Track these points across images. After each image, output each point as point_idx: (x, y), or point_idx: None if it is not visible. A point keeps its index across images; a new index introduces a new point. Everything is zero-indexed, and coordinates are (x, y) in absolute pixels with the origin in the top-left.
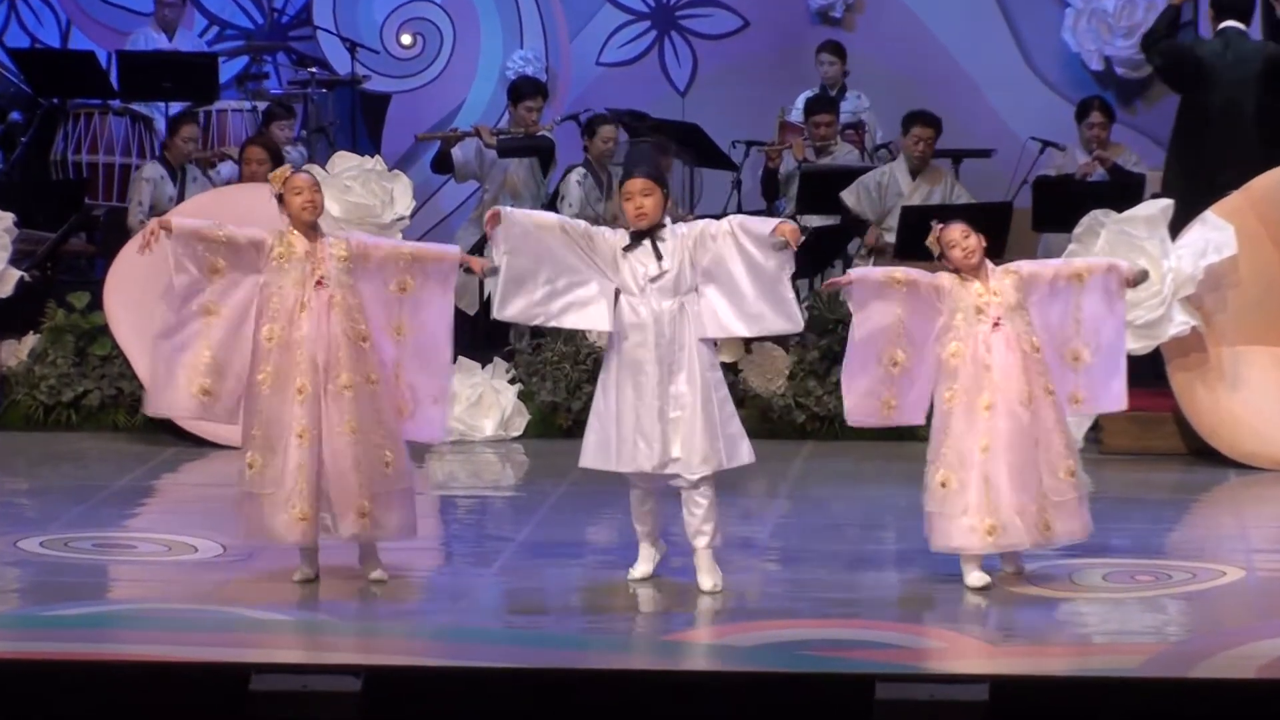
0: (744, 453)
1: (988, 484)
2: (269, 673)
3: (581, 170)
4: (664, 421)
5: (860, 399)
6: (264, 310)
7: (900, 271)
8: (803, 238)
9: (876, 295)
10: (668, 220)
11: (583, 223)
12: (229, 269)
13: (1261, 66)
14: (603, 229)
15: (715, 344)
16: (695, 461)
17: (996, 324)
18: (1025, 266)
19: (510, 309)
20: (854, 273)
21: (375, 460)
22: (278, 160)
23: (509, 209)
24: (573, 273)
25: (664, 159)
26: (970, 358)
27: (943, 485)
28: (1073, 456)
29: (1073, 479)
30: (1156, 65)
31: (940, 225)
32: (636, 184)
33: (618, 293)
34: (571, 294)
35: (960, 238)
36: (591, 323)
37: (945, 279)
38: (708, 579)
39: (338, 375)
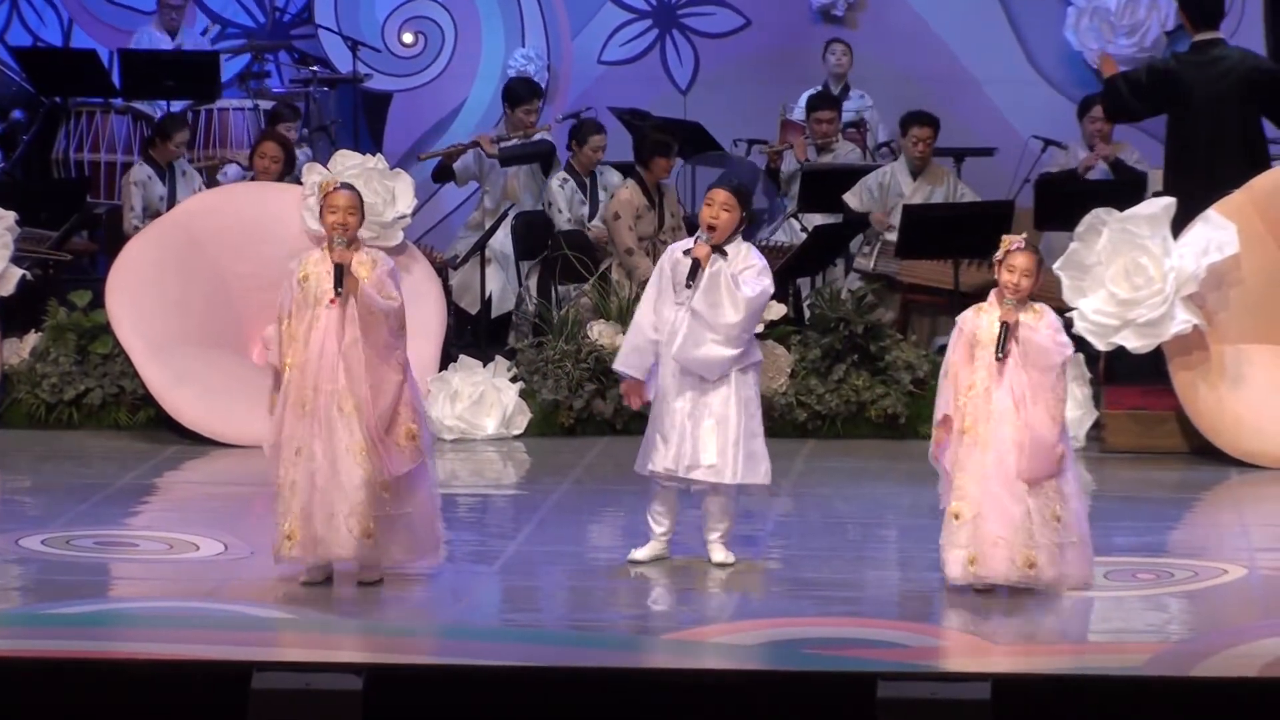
0: (762, 473)
1: (977, 517)
2: (271, 671)
3: (563, 175)
4: (695, 425)
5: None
6: (290, 336)
7: (955, 379)
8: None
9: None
10: (738, 241)
11: (652, 296)
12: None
13: (1240, 81)
14: (664, 262)
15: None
16: (726, 471)
17: (1004, 358)
18: (1025, 333)
19: None
20: (947, 427)
21: (379, 485)
22: (290, 160)
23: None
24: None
25: (751, 180)
26: (981, 390)
27: (955, 518)
28: (1062, 503)
29: (1057, 524)
30: (1139, 113)
31: (1020, 244)
32: (721, 194)
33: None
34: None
35: (1020, 270)
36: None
37: (966, 326)
38: (719, 555)
39: (347, 396)
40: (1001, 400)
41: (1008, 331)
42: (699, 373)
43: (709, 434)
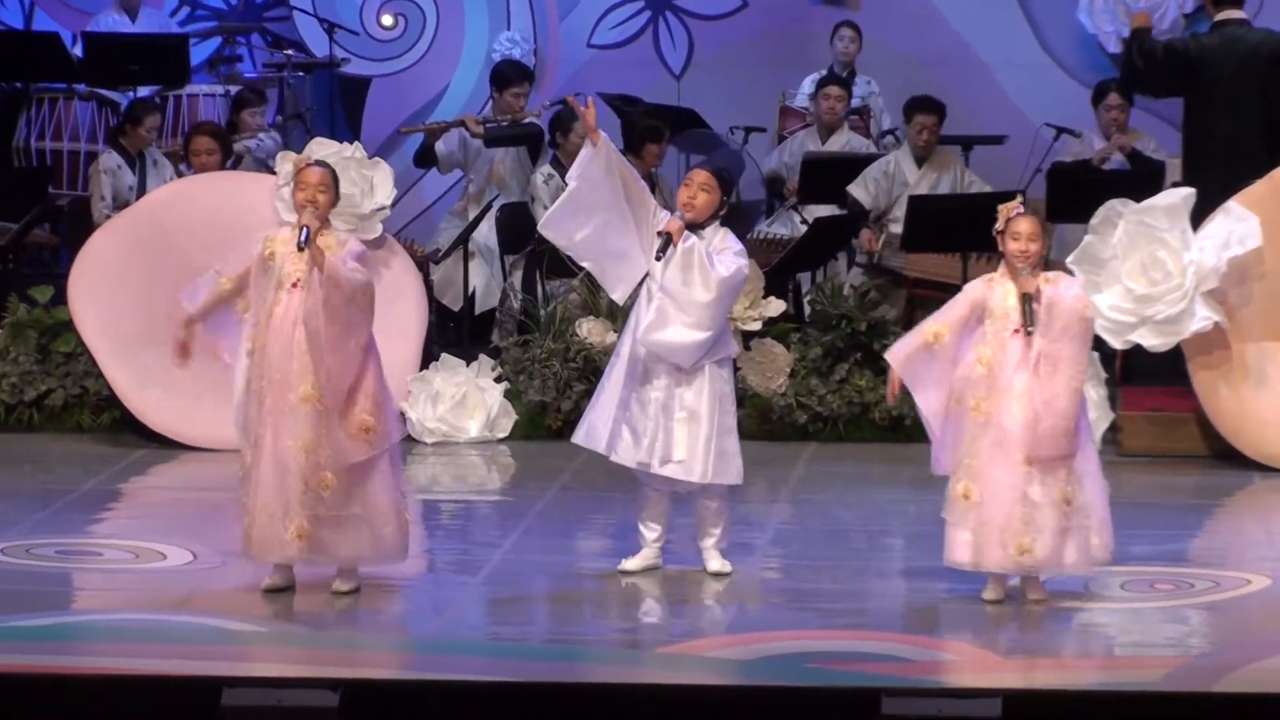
0: (733, 472)
1: (981, 499)
2: (242, 686)
3: (548, 169)
4: (668, 419)
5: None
6: (251, 317)
7: (935, 324)
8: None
9: (924, 362)
10: (716, 225)
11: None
12: (249, 304)
13: (1266, 60)
14: (665, 212)
15: (734, 361)
16: (696, 469)
17: (1016, 332)
18: (1047, 290)
19: (552, 231)
20: (893, 358)
21: (316, 482)
22: (227, 149)
23: (608, 140)
24: (623, 232)
25: (735, 167)
26: (992, 364)
27: (965, 497)
28: (1076, 485)
29: (1068, 507)
30: (1152, 87)
31: (1020, 209)
32: (700, 175)
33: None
34: (611, 248)
35: (1026, 235)
36: (610, 285)
37: (975, 290)
38: (715, 563)
39: (297, 386)
40: (1013, 378)
41: (1031, 302)
42: (665, 358)
43: (680, 428)
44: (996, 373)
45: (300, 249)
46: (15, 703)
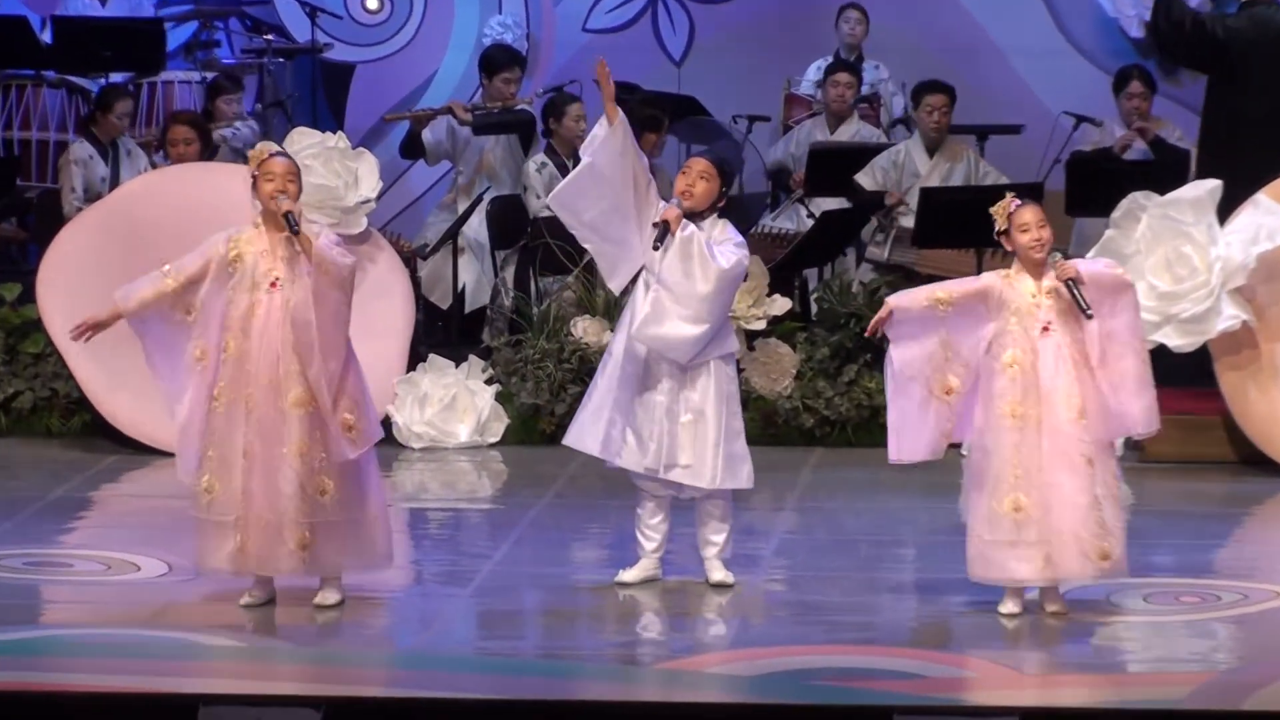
0: (744, 476)
1: (1043, 510)
2: (219, 704)
3: (541, 157)
4: (672, 423)
5: (914, 436)
6: (221, 321)
7: (942, 290)
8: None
9: (919, 323)
10: (715, 217)
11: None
12: (200, 307)
13: None
14: (664, 203)
15: (738, 361)
16: (704, 473)
17: (1046, 329)
18: (1081, 267)
19: (560, 207)
20: (892, 302)
21: (314, 488)
22: (206, 139)
23: (625, 120)
24: (625, 220)
25: (735, 159)
26: (1024, 365)
27: (1017, 510)
28: (1117, 482)
29: (1120, 504)
30: (1175, 56)
31: (1016, 201)
32: (700, 163)
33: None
34: (613, 235)
35: (1035, 223)
36: (608, 272)
37: (990, 280)
38: (717, 574)
39: (287, 392)
40: (1054, 380)
41: (1076, 287)
42: (662, 354)
43: (686, 431)
44: (1033, 375)
45: (294, 232)
46: None
